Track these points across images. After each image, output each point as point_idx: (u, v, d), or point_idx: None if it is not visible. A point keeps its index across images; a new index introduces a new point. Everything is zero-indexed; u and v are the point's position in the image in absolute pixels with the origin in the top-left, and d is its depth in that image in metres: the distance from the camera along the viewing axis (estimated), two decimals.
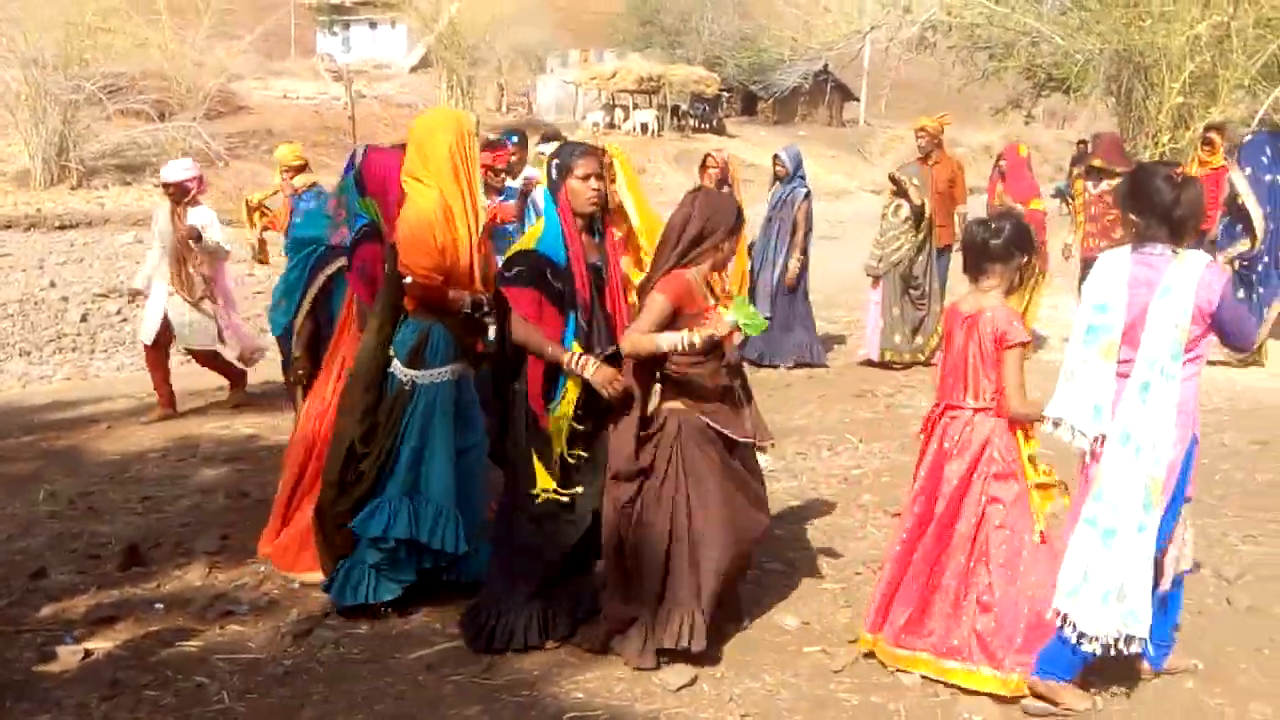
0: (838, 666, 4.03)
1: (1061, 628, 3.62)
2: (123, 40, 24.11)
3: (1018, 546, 3.80)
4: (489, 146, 6.08)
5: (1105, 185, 9.06)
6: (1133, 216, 3.68)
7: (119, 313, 12.82)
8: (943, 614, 3.88)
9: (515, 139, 6.83)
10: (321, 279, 5.54)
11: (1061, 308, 11.39)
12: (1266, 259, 9.02)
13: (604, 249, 4.20)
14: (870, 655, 4.05)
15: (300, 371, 5.58)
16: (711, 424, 3.96)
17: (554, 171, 4.12)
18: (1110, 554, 3.55)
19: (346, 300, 5.05)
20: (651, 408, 4.04)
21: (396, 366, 4.36)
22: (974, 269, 3.94)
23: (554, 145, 5.08)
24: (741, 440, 4.05)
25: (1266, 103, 16.61)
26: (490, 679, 3.93)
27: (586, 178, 4.05)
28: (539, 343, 3.99)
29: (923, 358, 9.02)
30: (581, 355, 3.96)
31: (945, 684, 3.85)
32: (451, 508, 4.34)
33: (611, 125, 36.04)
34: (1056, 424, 3.68)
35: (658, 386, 4.06)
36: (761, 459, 5.75)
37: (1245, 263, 9.06)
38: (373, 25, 45.50)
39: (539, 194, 5.63)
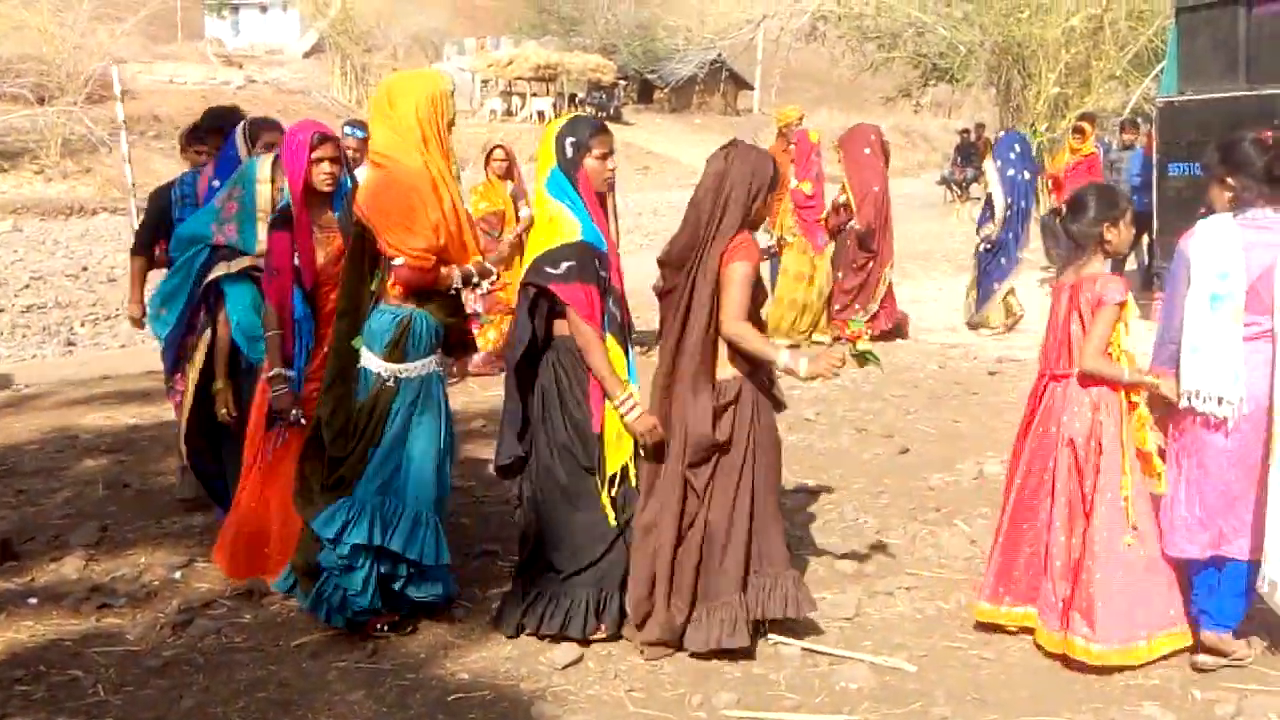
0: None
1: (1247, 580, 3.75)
2: None
3: (1120, 511, 3.85)
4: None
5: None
6: (1230, 181, 3.78)
7: None
8: (1053, 580, 3.94)
9: (361, 132, 6.44)
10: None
11: (946, 289, 11.73)
12: (1008, 240, 9.89)
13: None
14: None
15: (224, 409, 4.72)
16: (770, 390, 3.94)
17: (570, 150, 3.89)
18: None
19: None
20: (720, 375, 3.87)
21: (372, 360, 3.97)
22: (1071, 254, 3.99)
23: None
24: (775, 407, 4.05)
25: (1137, 92, 17.29)
26: (375, 663, 3.92)
27: (603, 156, 3.93)
28: (600, 366, 3.80)
29: None
30: (630, 397, 3.82)
31: (1061, 657, 3.90)
32: (433, 514, 4.03)
33: (508, 113, 35.83)
34: (1194, 397, 3.72)
35: (724, 353, 3.86)
36: None
37: (989, 245, 9.90)
38: (263, 9, 44.53)
39: None
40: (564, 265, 3.79)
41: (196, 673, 3.87)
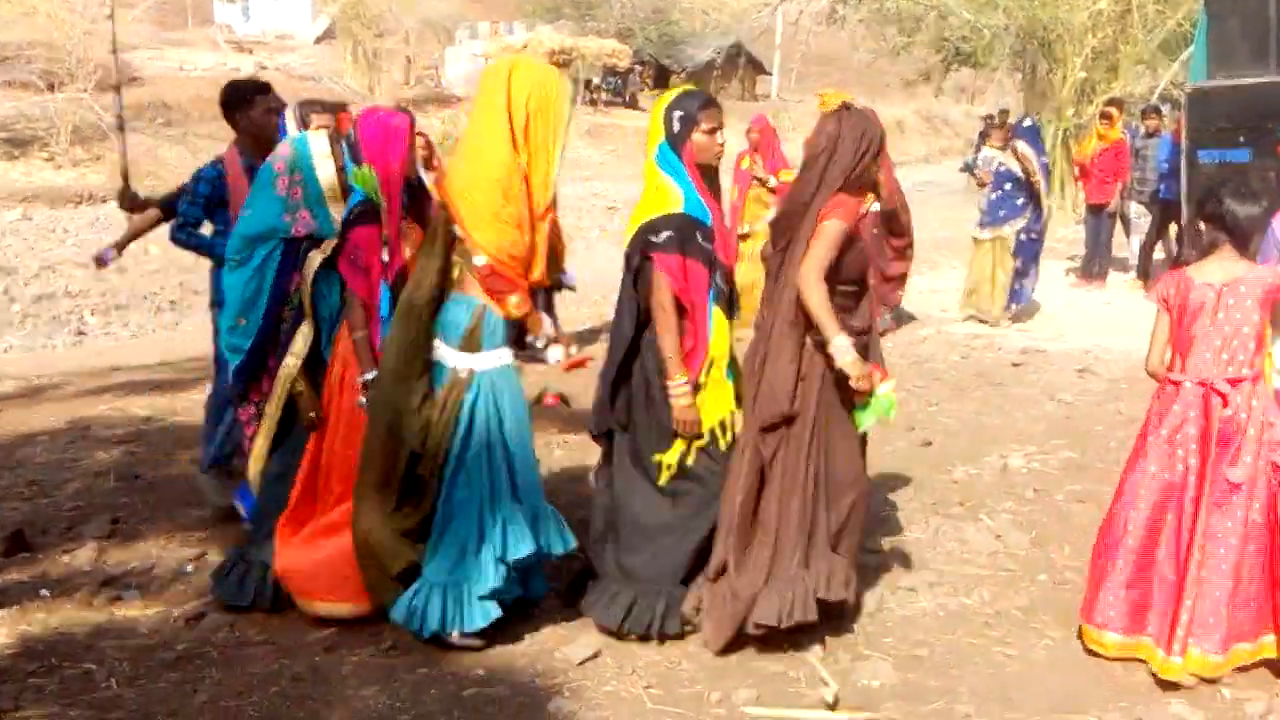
0: None
1: None
2: (8, 8, 23.13)
3: None
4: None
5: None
6: None
7: (6, 292, 12.34)
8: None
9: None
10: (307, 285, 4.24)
11: (941, 290, 11.51)
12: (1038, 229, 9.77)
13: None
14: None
15: (312, 414, 4.19)
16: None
17: (676, 124, 3.86)
18: None
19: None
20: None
21: (447, 353, 3.83)
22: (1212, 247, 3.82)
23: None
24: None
25: (1166, 77, 17.08)
26: (389, 657, 3.87)
27: (711, 131, 3.89)
28: (668, 345, 3.79)
29: None
30: (686, 384, 3.80)
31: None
32: (545, 504, 3.94)
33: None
34: None
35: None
36: None
37: (1033, 235, 9.68)
38: None
39: None
40: (664, 234, 3.80)
41: (209, 666, 3.82)
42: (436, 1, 37.22)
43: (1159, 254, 11.96)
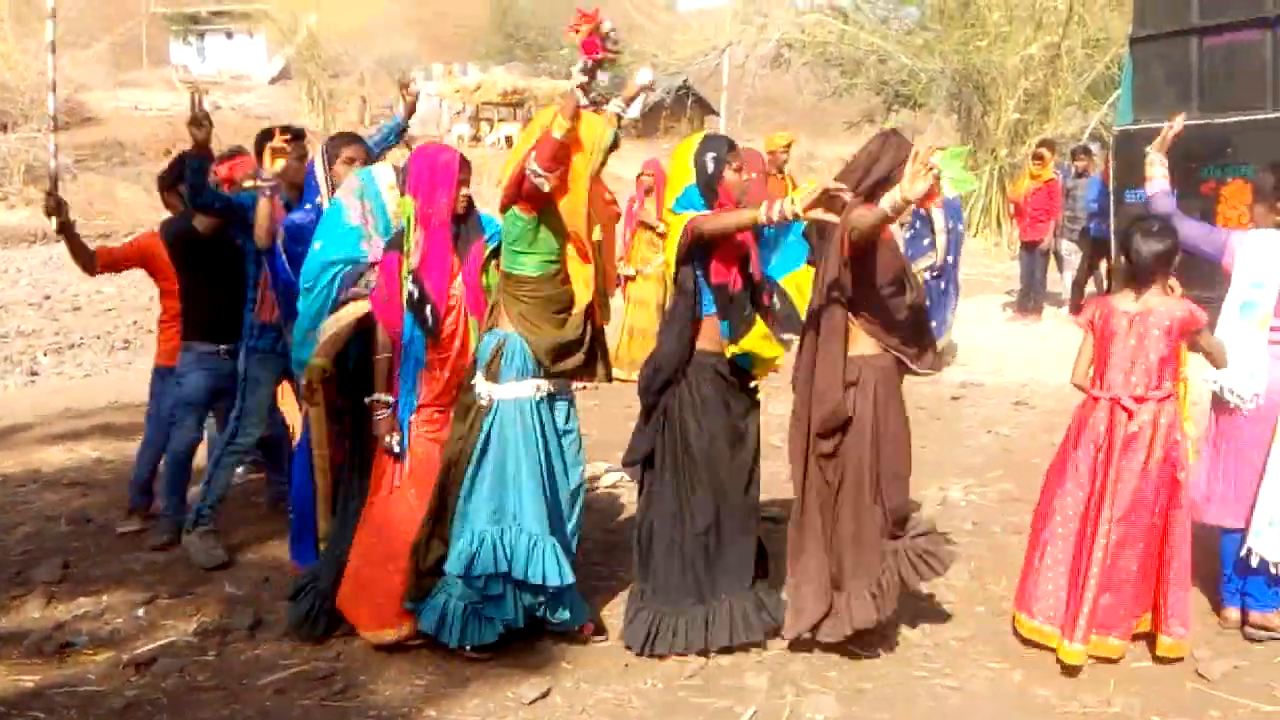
0: (689, 673, 4.11)
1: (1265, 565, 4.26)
2: None
3: None
4: (226, 158, 5.50)
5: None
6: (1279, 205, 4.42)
7: None
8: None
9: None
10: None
11: None
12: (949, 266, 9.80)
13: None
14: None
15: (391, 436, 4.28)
16: (900, 357, 4.12)
17: (711, 165, 4.14)
18: None
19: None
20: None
21: (476, 381, 4.13)
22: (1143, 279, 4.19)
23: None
24: (922, 371, 4.25)
25: (1095, 118, 17.54)
26: (341, 701, 3.91)
27: (739, 169, 4.18)
28: (733, 217, 4.01)
29: None
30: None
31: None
32: (546, 535, 4.04)
33: (476, 138, 35.80)
34: (1221, 389, 4.36)
35: (854, 331, 4.07)
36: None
37: (935, 272, 9.69)
38: (229, 35, 44.29)
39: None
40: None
41: (159, 713, 3.83)
42: (391, 43, 37.31)
43: (1090, 288, 12.29)
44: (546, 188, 3.89)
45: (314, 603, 4.36)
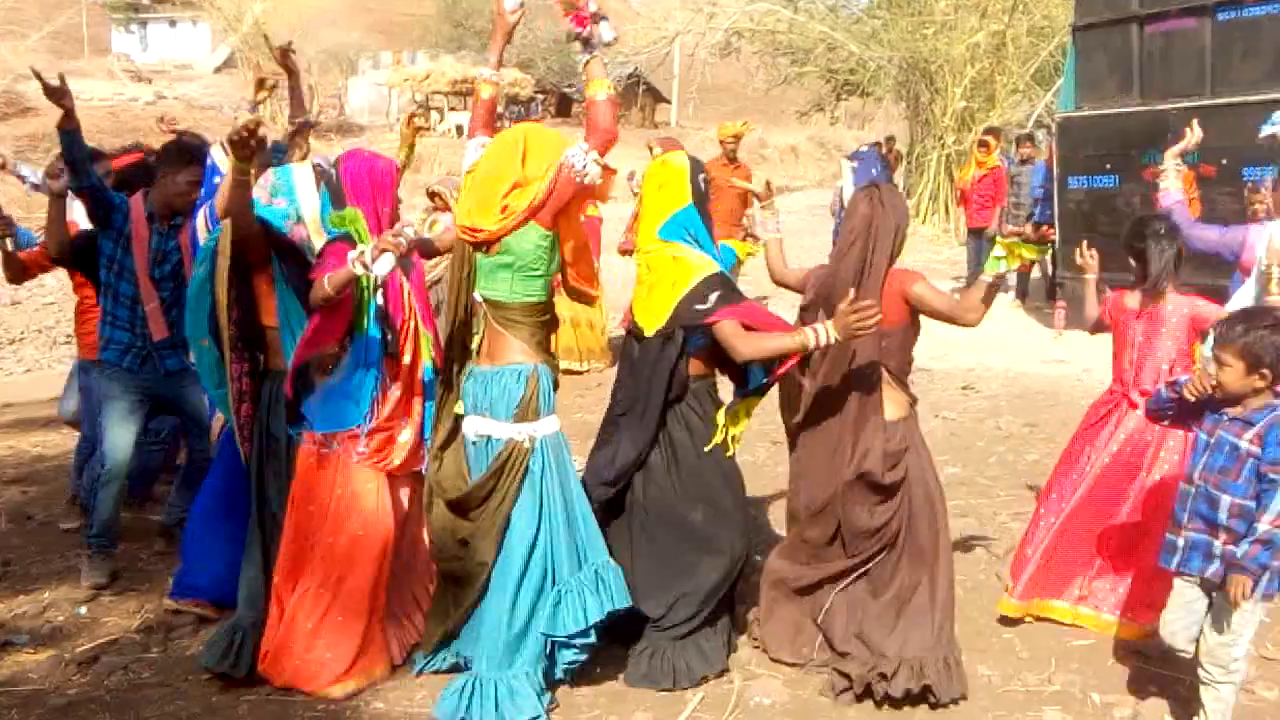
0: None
1: None
2: None
3: None
4: (123, 152, 5.37)
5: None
6: None
7: None
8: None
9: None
10: None
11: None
12: None
13: None
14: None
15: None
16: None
17: (703, 184, 4.08)
18: None
19: None
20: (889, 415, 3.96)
21: (493, 426, 3.73)
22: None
23: None
24: None
25: (1040, 105, 17.76)
26: (286, 696, 3.88)
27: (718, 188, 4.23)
28: (776, 341, 3.76)
29: None
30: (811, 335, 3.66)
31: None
32: (608, 558, 3.81)
33: (426, 128, 35.56)
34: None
35: (889, 393, 3.96)
36: None
37: None
38: (172, 24, 43.68)
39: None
40: (714, 295, 3.82)
41: (102, 711, 3.79)
42: (339, 31, 36.93)
43: (1035, 274, 12.47)
44: (600, 180, 3.76)
45: (233, 637, 3.97)
